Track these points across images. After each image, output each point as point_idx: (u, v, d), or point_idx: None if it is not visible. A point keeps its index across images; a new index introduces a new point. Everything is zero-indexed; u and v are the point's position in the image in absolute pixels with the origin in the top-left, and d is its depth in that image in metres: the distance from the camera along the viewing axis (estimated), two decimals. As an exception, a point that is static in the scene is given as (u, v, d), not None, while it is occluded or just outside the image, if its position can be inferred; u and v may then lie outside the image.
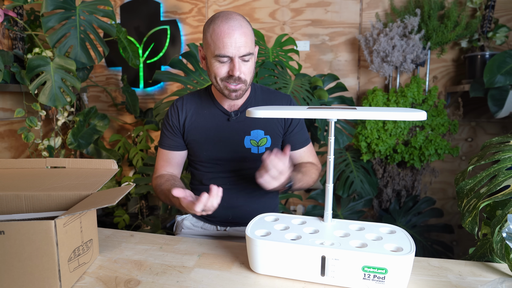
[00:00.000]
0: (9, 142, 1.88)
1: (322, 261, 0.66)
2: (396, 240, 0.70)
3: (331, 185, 0.78)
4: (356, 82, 2.25)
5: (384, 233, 0.74)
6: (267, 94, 1.13)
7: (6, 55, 1.67)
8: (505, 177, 0.74)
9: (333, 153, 0.77)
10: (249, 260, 0.74)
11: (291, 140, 1.13)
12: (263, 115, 0.72)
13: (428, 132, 1.96)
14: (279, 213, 0.86)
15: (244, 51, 0.94)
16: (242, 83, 0.98)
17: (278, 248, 0.69)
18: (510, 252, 0.70)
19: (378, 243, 0.68)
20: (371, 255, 0.63)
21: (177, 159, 1.15)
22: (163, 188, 1.05)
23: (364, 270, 0.64)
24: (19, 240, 0.61)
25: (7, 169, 0.90)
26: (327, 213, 0.79)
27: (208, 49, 0.97)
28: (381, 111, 0.67)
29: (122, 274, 0.73)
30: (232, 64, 0.94)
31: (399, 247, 0.67)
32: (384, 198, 2.11)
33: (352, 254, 0.64)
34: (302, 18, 2.26)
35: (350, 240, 0.70)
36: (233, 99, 1.01)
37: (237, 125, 1.08)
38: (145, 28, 2.49)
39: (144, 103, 2.56)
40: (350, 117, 0.67)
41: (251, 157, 1.09)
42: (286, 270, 0.70)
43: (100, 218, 2.40)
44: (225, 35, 0.92)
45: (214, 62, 0.96)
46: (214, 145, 1.08)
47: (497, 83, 1.64)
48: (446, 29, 1.94)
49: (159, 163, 1.15)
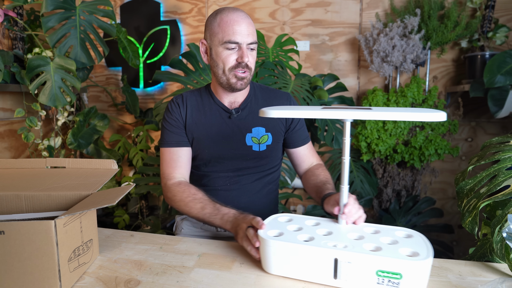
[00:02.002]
0: (9, 142, 1.88)
1: (335, 263, 0.65)
2: (412, 244, 0.68)
3: (346, 186, 0.76)
4: (356, 82, 2.25)
5: (400, 237, 0.72)
6: (266, 92, 1.14)
7: (6, 55, 1.67)
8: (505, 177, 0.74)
9: (348, 154, 0.75)
10: (262, 260, 0.73)
11: (293, 137, 1.14)
12: (277, 115, 0.70)
13: (428, 132, 1.96)
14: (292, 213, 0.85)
15: (251, 39, 0.98)
16: (248, 71, 1.00)
17: (290, 249, 0.68)
18: (510, 252, 0.69)
19: (393, 247, 0.66)
20: (385, 259, 0.61)
21: (185, 157, 1.08)
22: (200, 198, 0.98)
23: (378, 275, 0.62)
24: (19, 240, 0.61)
25: (7, 169, 0.90)
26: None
27: (215, 38, 0.99)
28: (399, 111, 0.64)
29: (122, 274, 0.73)
30: (240, 51, 0.98)
31: (415, 251, 0.65)
32: (384, 198, 2.11)
33: (366, 258, 0.63)
34: (302, 18, 2.26)
35: (364, 243, 0.68)
36: (239, 88, 1.02)
37: (238, 122, 1.08)
38: (145, 28, 2.49)
39: (144, 103, 2.56)
40: (366, 118, 0.65)
41: (252, 154, 1.09)
42: (298, 271, 0.69)
43: (100, 218, 2.40)
44: (234, 23, 0.96)
45: (223, 51, 0.98)
46: (215, 143, 1.08)
47: (497, 83, 1.64)
48: (446, 29, 1.94)
49: (167, 165, 1.06)
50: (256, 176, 1.12)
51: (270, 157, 1.12)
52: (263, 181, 1.13)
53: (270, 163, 1.13)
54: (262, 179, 1.13)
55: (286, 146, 1.17)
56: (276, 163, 1.16)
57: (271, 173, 1.15)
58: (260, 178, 1.12)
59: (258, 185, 1.12)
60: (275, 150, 1.13)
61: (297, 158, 1.17)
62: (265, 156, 1.10)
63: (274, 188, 1.19)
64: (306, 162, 1.18)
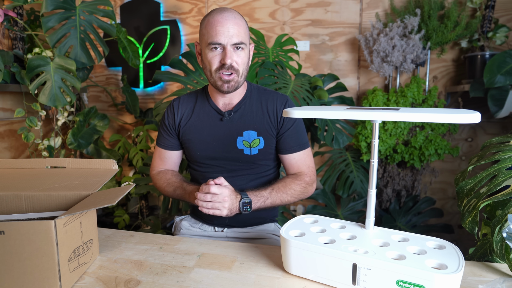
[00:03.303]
0: (9, 142, 1.88)
1: (354, 269, 0.63)
2: (442, 256, 0.63)
3: (374, 190, 0.73)
4: (356, 82, 2.25)
5: (430, 247, 0.67)
6: (263, 94, 1.11)
7: (6, 55, 1.67)
8: (505, 177, 0.74)
9: (376, 156, 0.71)
10: (283, 260, 0.73)
11: (281, 143, 1.09)
12: (300, 115, 0.68)
13: (428, 132, 1.96)
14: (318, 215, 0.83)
15: (236, 40, 0.96)
16: (234, 73, 0.99)
17: (309, 250, 0.67)
18: (510, 252, 0.69)
19: (419, 257, 0.62)
20: (407, 268, 0.57)
21: (172, 159, 1.18)
22: (173, 180, 1.11)
23: (399, 285, 0.59)
24: (19, 240, 0.61)
25: (7, 169, 0.90)
26: (369, 220, 0.74)
27: (203, 40, 1.00)
28: (429, 112, 0.59)
29: (122, 274, 0.73)
30: (224, 52, 0.97)
31: (443, 264, 0.60)
32: (384, 198, 2.11)
33: (385, 265, 0.59)
34: (302, 18, 2.26)
35: (387, 250, 0.65)
36: (226, 91, 1.01)
37: (230, 125, 1.07)
38: (145, 28, 2.49)
39: (144, 103, 2.56)
40: (394, 119, 0.61)
41: (244, 158, 1.08)
42: (317, 274, 0.68)
43: (100, 218, 2.40)
44: (217, 24, 0.95)
45: (208, 53, 0.98)
46: (207, 145, 1.08)
47: (497, 83, 1.64)
48: (446, 29, 1.94)
49: (156, 161, 1.19)
50: (250, 177, 1.11)
51: (264, 160, 1.10)
52: (259, 182, 1.12)
53: (265, 166, 1.12)
54: (257, 180, 1.12)
55: (279, 152, 1.12)
56: (272, 165, 1.15)
57: (267, 176, 1.14)
58: (255, 179, 1.12)
59: (254, 186, 1.11)
60: (268, 154, 1.10)
61: (285, 166, 1.13)
62: (258, 160, 1.09)
63: None
64: (293, 168, 1.12)
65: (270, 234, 1.14)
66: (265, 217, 1.17)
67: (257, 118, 1.08)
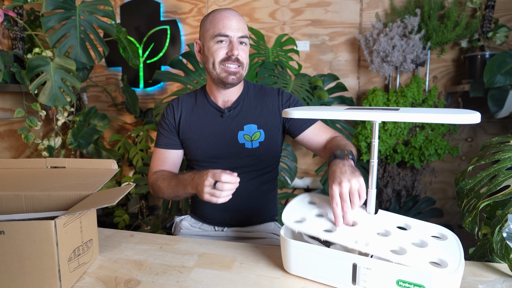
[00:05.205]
0: (9, 142, 1.87)
1: (354, 269, 0.63)
2: (443, 248, 0.63)
3: (374, 190, 0.73)
4: (356, 82, 2.25)
5: (431, 237, 0.67)
6: (259, 90, 1.14)
7: (6, 55, 1.67)
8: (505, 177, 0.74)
9: (376, 157, 0.71)
10: (283, 260, 0.73)
11: (294, 124, 1.09)
12: (300, 115, 0.68)
13: (428, 132, 1.96)
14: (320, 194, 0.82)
15: (242, 33, 1.01)
16: (240, 66, 1.01)
17: (309, 251, 0.67)
18: (510, 252, 0.69)
19: (419, 251, 0.62)
20: (407, 268, 0.58)
21: (173, 158, 1.14)
22: (167, 173, 1.07)
23: (399, 284, 0.59)
24: (19, 240, 0.61)
25: (7, 169, 0.90)
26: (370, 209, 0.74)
27: (207, 34, 1.02)
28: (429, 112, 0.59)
29: (122, 274, 0.73)
30: (231, 45, 1.00)
31: (444, 259, 0.59)
32: (384, 198, 2.11)
33: (386, 265, 0.59)
34: (302, 18, 2.26)
35: (388, 241, 0.65)
36: (230, 83, 1.02)
37: (230, 121, 1.09)
38: (145, 28, 2.49)
39: (144, 103, 2.56)
40: (394, 119, 0.61)
41: (246, 152, 1.09)
42: (317, 273, 0.68)
43: (100, 218, 2.40)
44: (225, 18, 0.99)
45: (213, 45, 1.00)
46: (208, 143, 1.09)
47: (497, 83, 1.64)
48: (446, 29, 1.94)
49: (155, 162, 1.14)
50: (252, 175, 1.12)
51: (265, 154, 1.11)
52: (259, 180, 1.13)
53: (265, 162, 1.12)
54: (258, 178, 1.13)
55: (294, 135, 1.11)
56: (272, 161, 1.15)
57: (268, 172, 1.15)
58: (256, 177, 1.12)
59: (254, 184, 1.12)
60: (269, 147, 1.11)
61: (308, 140, 1.11)
62: (259, 153, 1.09)
63: (271, 188, 1.18)
64: (319, 139, 1.10)
65: (270, 234, 1.14)
66: (264, 216, 1.17)
67: (256, 112, 1.10)
